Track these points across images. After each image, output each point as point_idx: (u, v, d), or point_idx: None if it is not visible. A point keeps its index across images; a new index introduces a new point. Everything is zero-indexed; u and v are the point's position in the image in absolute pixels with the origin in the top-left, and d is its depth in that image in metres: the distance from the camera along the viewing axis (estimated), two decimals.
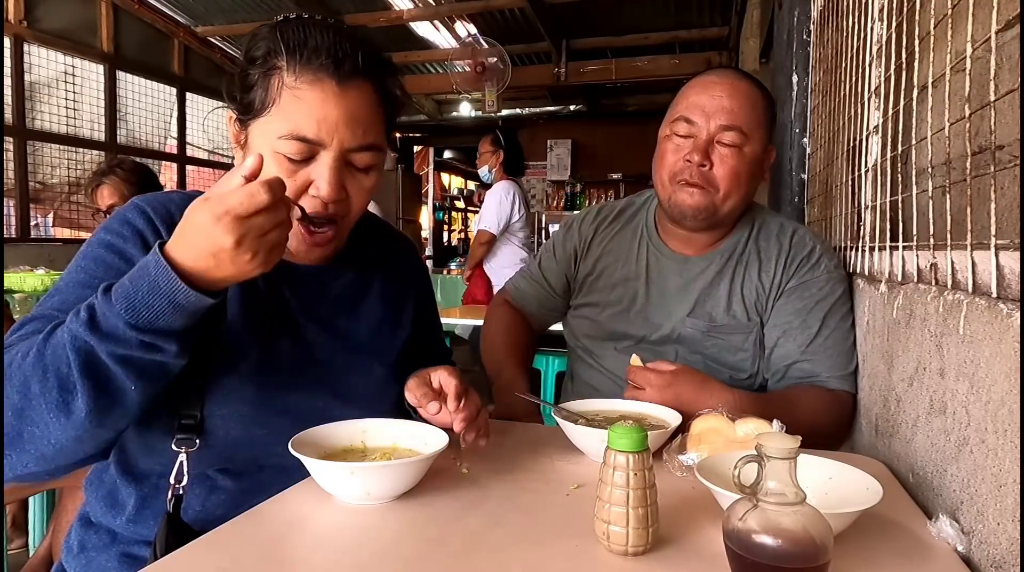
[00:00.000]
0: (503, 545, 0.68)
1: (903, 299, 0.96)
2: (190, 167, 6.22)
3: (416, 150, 10.34)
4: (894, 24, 1.08)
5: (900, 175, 1.04)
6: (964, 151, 0.77)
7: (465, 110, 8.21)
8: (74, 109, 5.03)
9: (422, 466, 0.79)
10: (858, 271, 1.25)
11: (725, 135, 1.17)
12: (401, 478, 0.78)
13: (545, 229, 7.77)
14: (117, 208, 1.07)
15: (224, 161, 6.53)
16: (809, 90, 1.99)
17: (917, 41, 0.99)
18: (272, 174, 0.73)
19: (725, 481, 0.66)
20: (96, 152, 5.20)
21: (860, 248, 1.25)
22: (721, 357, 1.25)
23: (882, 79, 1.14)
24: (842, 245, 1.40)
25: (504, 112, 7.14)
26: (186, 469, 0.82)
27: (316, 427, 0.84)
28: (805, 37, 2.02)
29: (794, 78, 2.09)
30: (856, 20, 1.31)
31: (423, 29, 6.00)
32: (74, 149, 5.08)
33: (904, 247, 1.01)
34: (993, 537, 0.65)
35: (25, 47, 4.63)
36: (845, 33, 1.42)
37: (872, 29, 1.22)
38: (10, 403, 0.69)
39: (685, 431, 0.91)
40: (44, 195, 5.01)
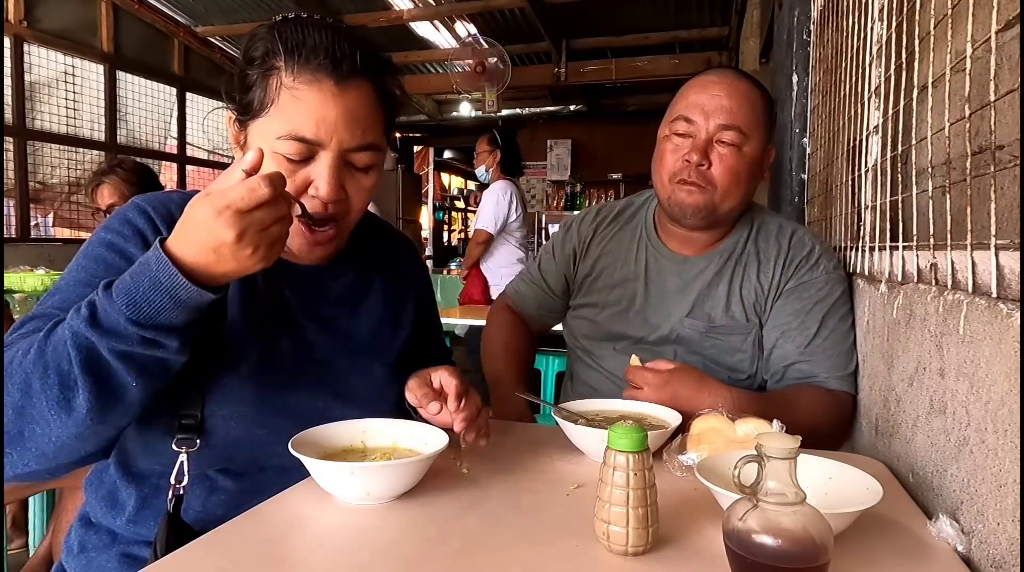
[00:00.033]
0: (503, 545, 0.68)
1: (903, 299, 0.96)
2: (190, 167, 6.22)
3: (416, 150, 10.33)
4: (894, 24, 1.08)
5: (900, 175, 1.04)
6: (964, 151, 0.77)
7: (465, 110, 8.21)
8: (74, 109, 5.03)
9: (422, 466, 0.79)
10: (858, 271, 1.25)
11: (724, 134, 1.17)
12: (401, 478, 0.78)
13: (545, 229, 7.76)
14: (117, 208, 1.07)
15: (224, 161, 6.52)
16: (809, 90, 1.99)
17: (917, 41, 0.99)
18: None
19: (725, 481, 0.66)
20: (96, 152, 5.19)
21: (860, 248, 1.25)
22: (720, 358, 1.25)
23: (882, 79, 1.14)
24: (842, 245, 1.40)
25: (504, 112, 7.13)
26: (186, 469, 0.82)
27: (316, 427, 0.84)
28: (805, 37, 2.01)
29: (794, 78, 2.09)
30: (856, 20, 1.31)
31: (423, 29, 6.00)
32: (74, 149, 5.07)
33: (904, 247, 1.01)
34: (993, 537, 0.65)
35: (25, 47, 4.62)
36: (845, 33, 1.42)
37: (872, 29, 1.22)
38: (11, 401, 0.69)
39: (685, 431, 0.91)
40: (44, 195, 5.00)
